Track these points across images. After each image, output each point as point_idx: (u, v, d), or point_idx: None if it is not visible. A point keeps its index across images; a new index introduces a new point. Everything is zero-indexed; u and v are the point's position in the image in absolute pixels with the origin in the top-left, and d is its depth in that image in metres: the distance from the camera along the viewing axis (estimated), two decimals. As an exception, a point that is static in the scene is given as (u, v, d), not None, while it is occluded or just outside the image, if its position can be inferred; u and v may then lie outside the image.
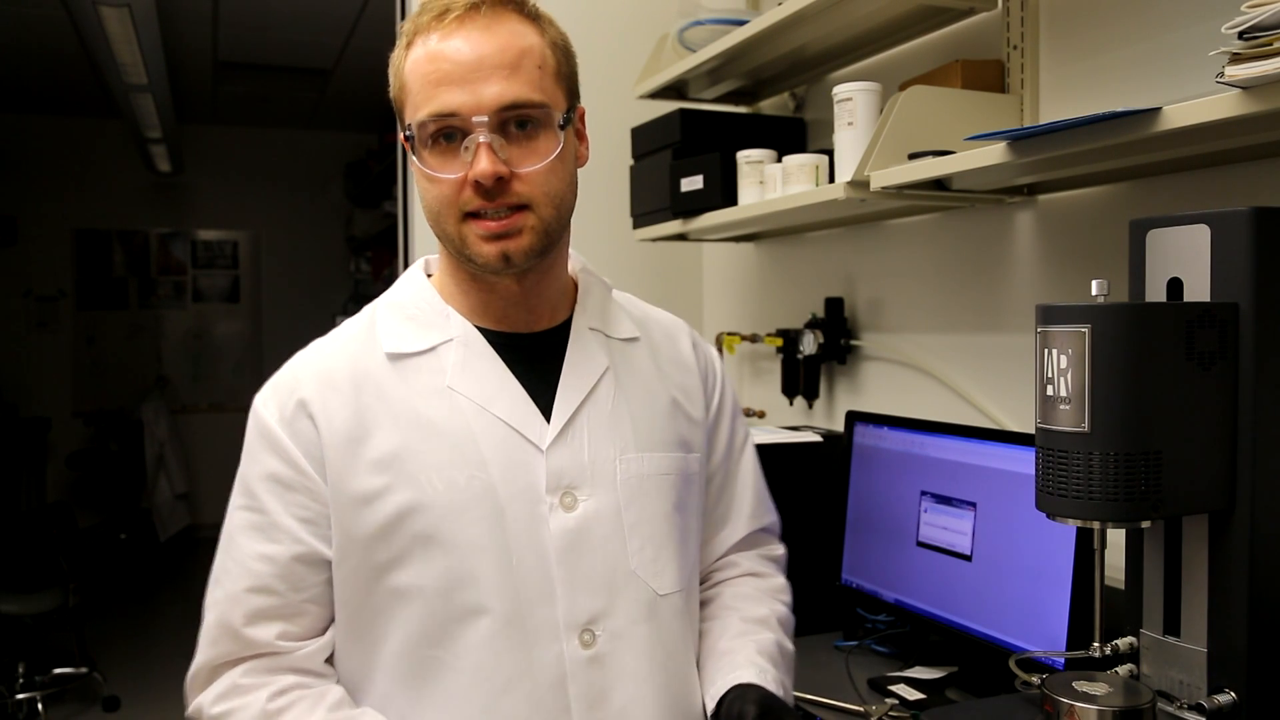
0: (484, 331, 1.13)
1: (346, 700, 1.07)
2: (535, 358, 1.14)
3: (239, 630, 1.05)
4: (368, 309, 1.17)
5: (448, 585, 1.04)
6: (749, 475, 1.31)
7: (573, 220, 1.14)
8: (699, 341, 1.30)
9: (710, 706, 1.12)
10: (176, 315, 7.39)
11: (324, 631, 1.09)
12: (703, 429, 1.23)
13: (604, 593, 1.08)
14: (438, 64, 1.04)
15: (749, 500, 1.30)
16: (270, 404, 1.09)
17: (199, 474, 6.75)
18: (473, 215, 1.05)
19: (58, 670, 4.05)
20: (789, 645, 1.23)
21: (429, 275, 1.19)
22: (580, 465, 1.09)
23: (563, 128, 1.07)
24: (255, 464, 1.09)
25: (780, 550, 1.35)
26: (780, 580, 1.32)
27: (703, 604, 1.24)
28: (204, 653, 1.08)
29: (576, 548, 1.07)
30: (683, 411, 1.21)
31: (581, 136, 1.15)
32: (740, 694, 1.09)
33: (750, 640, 1.18)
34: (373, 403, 1.07)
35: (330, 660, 1.09)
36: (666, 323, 1.28)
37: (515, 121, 1.04)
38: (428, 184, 1.07)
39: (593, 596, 1.07)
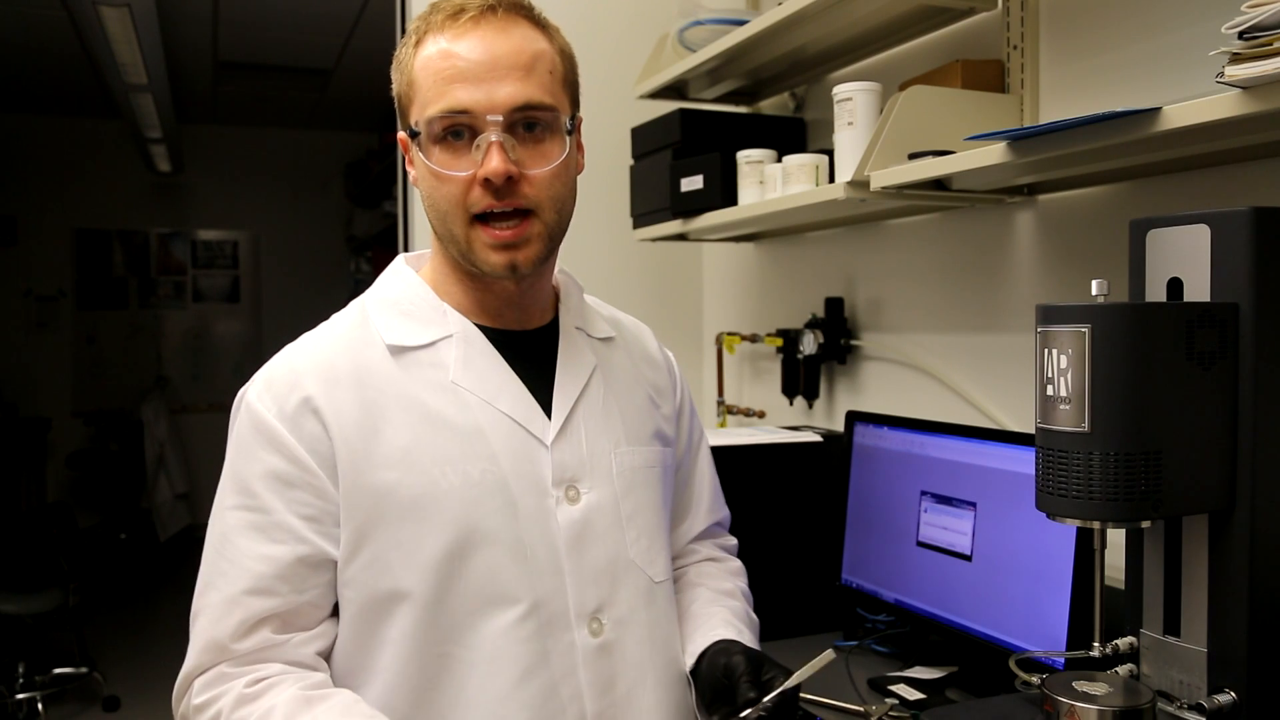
0: (480, 328, 1.13)
1: (328, 683, 1.04)
2: (528, 355, 1.15)
3: (227, 644, 1.01)
4: (355, 304, 1.17)
5: (466, 578, 1.04)
6: (706, 471, 1.36)
7: (572, 220, 1.14)
8: (659, 342, 1.35)
9: (689, 663, 1.16)
10: (176, 315, 7.38)
11: (317, 626, 1.06)
12: (674, 424, 1.28)
13: (607, 582, 1.11)
14: (451, 61, 1.04)
15: (707, 495, 1.35)
16: (265, 399, 1.06)
17: (199, 474, 6.73)
18: (480, 220, 1.06)
19: (58, 670, 4.05)
20: (754, 617, 1.29)
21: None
22: (580, 459, 1.12)
23: (569, 134, 1.09)
24: (252, 461, 1.05)
25: (733, 541, 1.41)
26: (737, 563, 1.38)
27: None
28: (191, 660, 1.04)
29: (582, 538, 1.10)
30: (658, 407, 1.25)
31: (580, 146, 1.16)
32: (725, 648, 1.13)
33: (723, 606, 1.24)
34: (377, 396, 1.07)
35: (323, 654, 1.06)
36: (632, 324, 1.33)
37: (525, 123, 1.05)
38: (435, 182, 1.07)
39: (598, 586, 1.10)
